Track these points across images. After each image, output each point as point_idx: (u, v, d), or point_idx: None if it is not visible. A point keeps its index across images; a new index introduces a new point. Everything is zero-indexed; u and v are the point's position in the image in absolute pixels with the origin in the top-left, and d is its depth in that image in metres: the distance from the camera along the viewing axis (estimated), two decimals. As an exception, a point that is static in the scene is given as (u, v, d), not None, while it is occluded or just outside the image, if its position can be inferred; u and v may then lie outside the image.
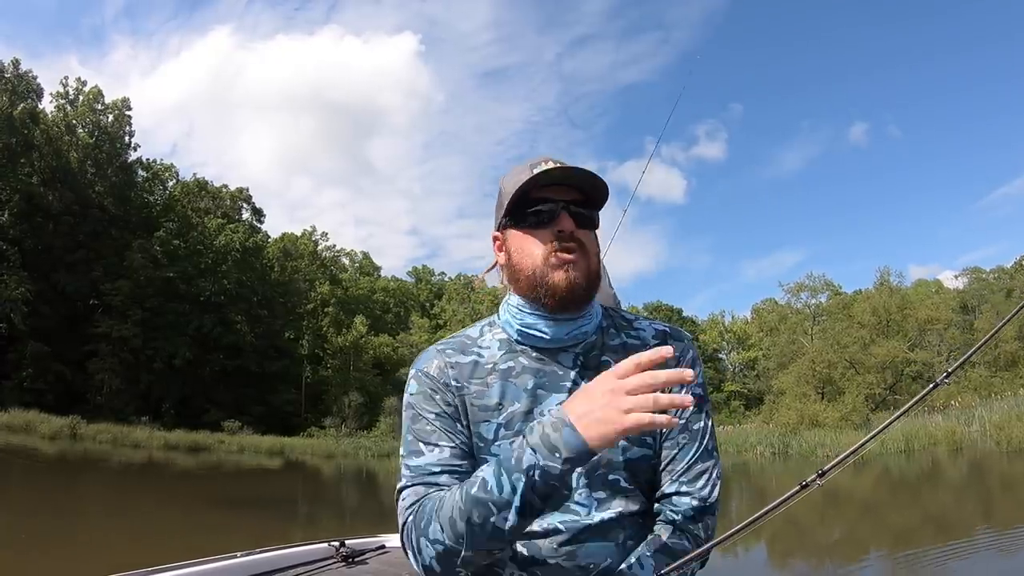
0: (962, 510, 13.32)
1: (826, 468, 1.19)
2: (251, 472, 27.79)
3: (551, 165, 1.26)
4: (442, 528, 1.11)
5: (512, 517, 1.06)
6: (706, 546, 1.19)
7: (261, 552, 3.10)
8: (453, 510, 1.10)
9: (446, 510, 1.11)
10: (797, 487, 1.17)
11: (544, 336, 1.29)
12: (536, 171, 1.24)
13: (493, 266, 1.41)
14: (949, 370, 1.34)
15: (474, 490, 1.09)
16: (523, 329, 1.30)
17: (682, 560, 1.16)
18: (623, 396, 1.01)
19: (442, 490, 1.17)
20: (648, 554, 1.21)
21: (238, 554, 2.99)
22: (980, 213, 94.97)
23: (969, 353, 1.48)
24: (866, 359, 36.28)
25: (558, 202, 1.26)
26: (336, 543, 3.28)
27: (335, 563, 3.14)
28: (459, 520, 1.09)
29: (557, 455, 1.03)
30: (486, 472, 1.09)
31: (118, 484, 20.34)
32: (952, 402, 29.94)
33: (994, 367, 37.92)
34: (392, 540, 3.56)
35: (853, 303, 44.09)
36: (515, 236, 1.29)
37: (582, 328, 1.30)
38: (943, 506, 14.05)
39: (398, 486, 1.24)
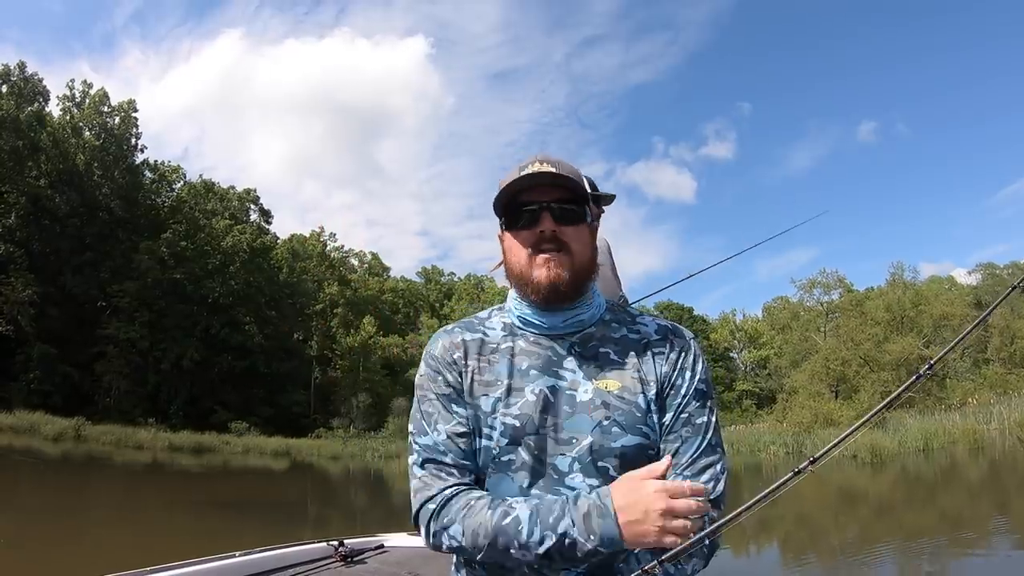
0: (977, 509, 13.14)
1: (817, 455, 1.25)
2: (256, 473, 27.85)
3: (538, 167, 1.32)
4: (463, 533, 1.23)
5: (531, 558, 1.19)
6: (698, 535, 1.16)
7: (260, 552, 3.06)
8: (480, 526, 1.21)
9: (472, 521, 1.22)
10: (790, 474, 1.22)
11: (541, 324, 1.37)
12: (522, 174, 1.33)
13: (499, 264, 1.48)
14: (931, 361, 1.42)
15: (506, 522, 1.20)
16: (522, 316, 1.39)
17: (676, 550, 1.15)
18: (671, 516, 1.14)
19: (452, 472, 1.30)
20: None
21: (236, 554, 2.96)
22: (990, 211, 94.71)
23: (951, 344, 1.54)
24: (880, 356, 35.90)
25: (541, 203, 1.33)
26: (335, 543, 3.27)
27: (334, 562, 3.12)
28: (482, 536, 1.21)
29: (592, 537, 1.16)
30: (521, 512, 1.20)
31: (120, 485, 20.40)
32: (969, 399, 29.67)
33: (1009, 364, 37.60)
34: (391, 540, 3.50)
35: (866, 300, 43.75)
36: (508, 237, 1.38)
37: (578, 317, 1.37)
38: (959, 505, 13.85)
39: (410, 460, 1.35)
